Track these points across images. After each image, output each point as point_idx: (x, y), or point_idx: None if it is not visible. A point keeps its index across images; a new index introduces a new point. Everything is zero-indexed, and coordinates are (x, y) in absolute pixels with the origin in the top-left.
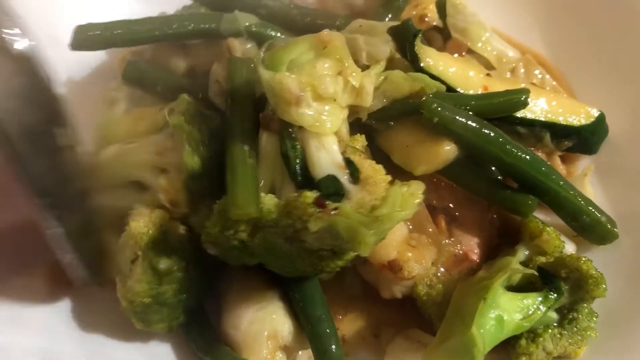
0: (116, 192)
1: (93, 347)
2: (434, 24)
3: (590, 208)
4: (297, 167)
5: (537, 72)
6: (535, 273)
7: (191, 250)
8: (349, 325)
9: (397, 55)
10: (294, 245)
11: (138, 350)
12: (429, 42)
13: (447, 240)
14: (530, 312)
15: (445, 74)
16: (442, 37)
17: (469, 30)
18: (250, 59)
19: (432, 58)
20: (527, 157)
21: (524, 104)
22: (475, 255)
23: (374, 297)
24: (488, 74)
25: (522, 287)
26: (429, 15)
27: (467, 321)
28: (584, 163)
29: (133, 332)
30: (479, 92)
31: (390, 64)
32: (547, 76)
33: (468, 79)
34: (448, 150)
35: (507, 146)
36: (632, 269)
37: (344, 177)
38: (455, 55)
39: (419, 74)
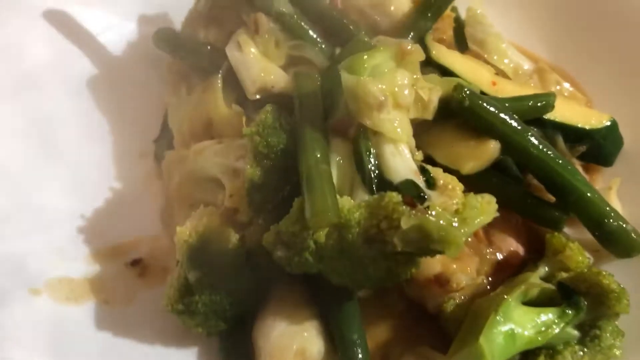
0: (201, 184)
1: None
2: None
3: (615, 214)
4: (372, 172)
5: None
6: (552, 287)
7: (236, 261)
8: None
9: None
10: (373, 247)
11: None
12: None
13: (488, 250)
14: (545, 328)
15: (455, 65)
16: (459, 50)
17: (486, 42)
18: (313, 72)
19: (442, 51)
20: (553, 153)
21: (552, 107)
22: (518, 257)
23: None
24: (496, 73)
25: (542, 302)
26: (445, 39)
27: (478, 334)
28: (606, 177)
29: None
30: (490, 89)
31: None
32: (565, 84)
33: (477, 72)
34: (493, 146)
35: (535, 139)
36: None
37: (421, 182)
38: None
39: (452, 78)
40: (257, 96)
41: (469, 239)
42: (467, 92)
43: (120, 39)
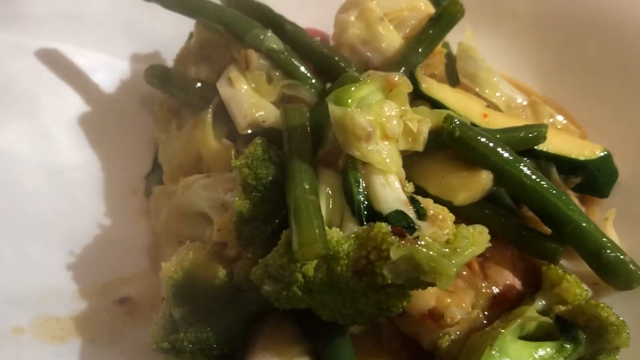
0: (189, 219)
1: None
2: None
3: (612, 245)
4: (362, 203)
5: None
6: (550, 321)
7: (223, 297)
8: None
9: None
10: (362, 279)
11: None
12: None
13: (483, 283)
14: None
15: (445, 98)
16: (450, 84)
17: (477, 76)
18: (302, 106)
19: (432, 85)
20: (547, 183)
21: (544, 138)
22: (514, 291)
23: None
24: (487, 106)
25: (539, 337)
26: (437, 75)
27: None
28: (603, 209)
29: None
30: (481, 121)
31: None
32: (559, 117)
33: (467, 105)
34: (485, 176)
35: (527, 169)
36: None
37: (411, 213)
38: None
39: (442, 110)
40: (249, 131)
41: (464, 272)
42: (457, 122)
43: (113, 77)
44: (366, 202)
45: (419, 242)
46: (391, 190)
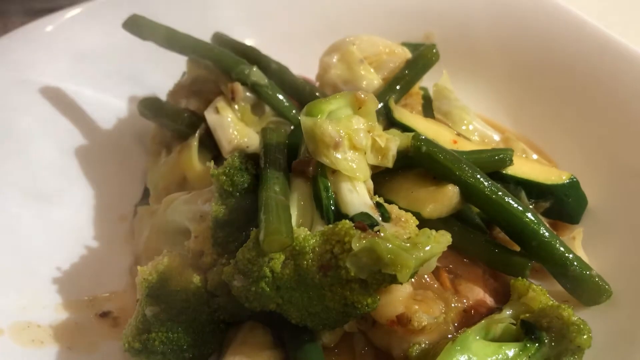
0: (169, 237)
1: None
2: None
3: (578, 260)
4: (330, 207)
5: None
6: (514, 325)
7: (195, 300)
8: None
9: None
10: (328, 274)
11: None
12: None
13: (454, 298)
14: None
15: (417, 125)
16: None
17: (452, 114)
18: (279, 127)
19: (404, 113)
20: (512, 199)
21: (510, 162)
22: (485, 306)
23: None
24: (458, 134)
25: (504, 341)
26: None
27: None
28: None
29: None
30: (451, 146)
31: None
32: (532, 154)
33: (438, 131)
34: (451, 189)
35: (492, 185)
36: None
37: (376, 216)
38: None
39: (411, 133)
40: None
41: (435, 285)
42: (424, 139)
43: (109, 115)
44: (334, 207)
45: (379, 235)
46: (358, 196)
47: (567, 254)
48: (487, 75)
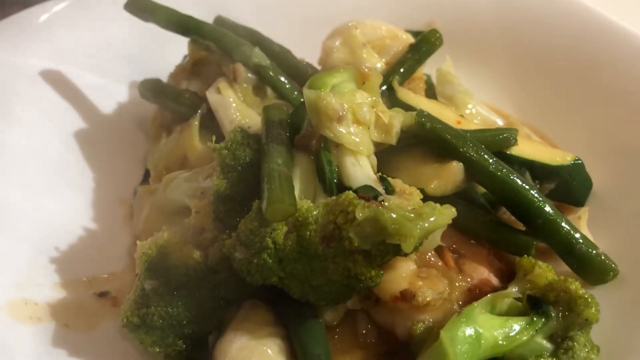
0: (169, 216)
1: None
2: None
3: (584, 238)
4: (333, 180)
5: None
6: (520, 301)
7: (195, 274)
8: None
9: None
10: (331, 245)
11: None
12: None
13: (459, 277)
14: (512, 334)
15: (420, 105)
16: None
17: (455, 98)
18: (283, 104)
19: (408, 94)
20: (517, 176)
21: (514, 141)
22: (490, 285)
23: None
24: (461, 115)
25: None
26: None
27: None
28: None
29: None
30: (455, 126)
31: None
32: (535, 138)
33: (442, 112)
34: (455, 165)
35: (495, 160)
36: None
37: (380, 189)
38: None
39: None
40: None
41: (439, 263)
42: (428, 115)
43: (110, 99)
44: (337, 180)
45: (383, 204)
46: (361, 169)
47: (572, 232)
48: (490, 63)
